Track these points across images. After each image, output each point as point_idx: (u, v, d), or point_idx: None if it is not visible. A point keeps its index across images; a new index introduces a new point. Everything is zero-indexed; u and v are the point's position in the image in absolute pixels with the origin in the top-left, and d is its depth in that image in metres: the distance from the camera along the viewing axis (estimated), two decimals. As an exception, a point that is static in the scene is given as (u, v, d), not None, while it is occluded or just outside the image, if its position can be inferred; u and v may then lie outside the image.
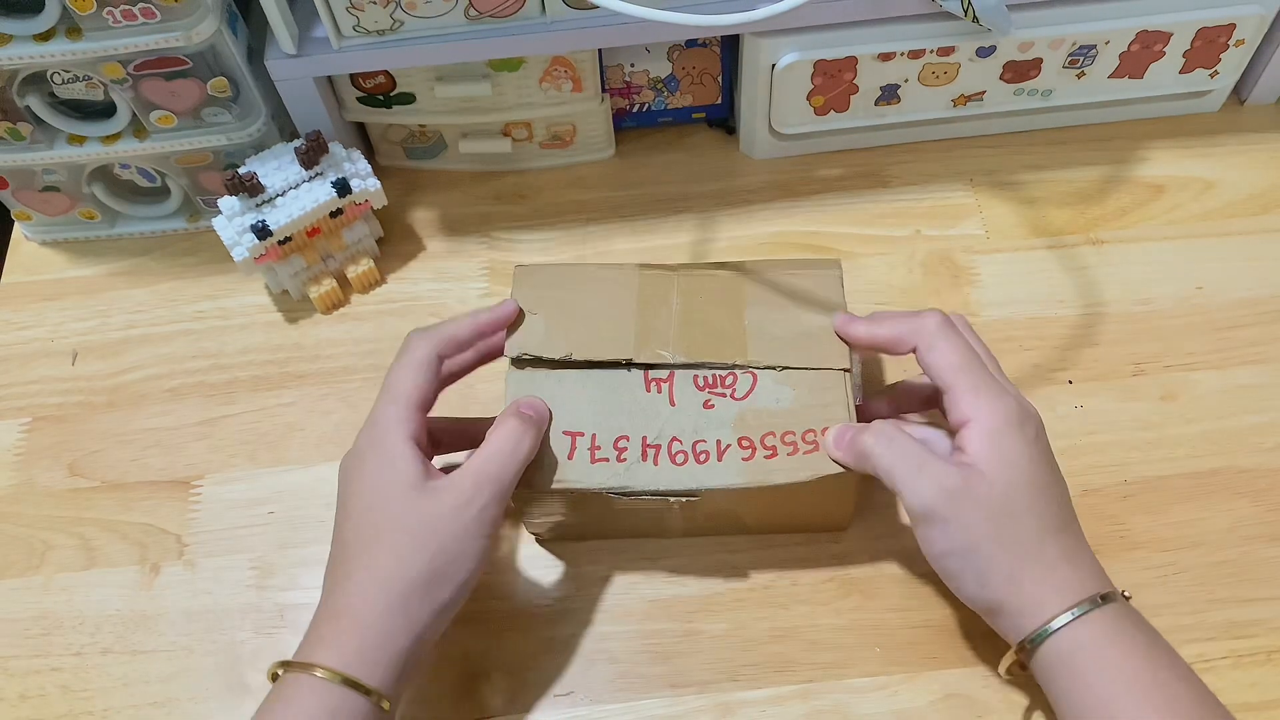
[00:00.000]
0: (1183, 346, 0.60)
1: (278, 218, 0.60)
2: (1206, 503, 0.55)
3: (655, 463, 0.48)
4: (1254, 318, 0.61)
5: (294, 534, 0.57)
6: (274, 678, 0.44)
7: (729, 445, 0.49)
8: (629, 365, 0.51)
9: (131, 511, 0.59)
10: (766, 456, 0.48)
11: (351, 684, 0.42)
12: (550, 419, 0.49)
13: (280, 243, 0.61)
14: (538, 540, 0.56)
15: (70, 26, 0.55)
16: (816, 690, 0.51)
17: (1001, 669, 0.46)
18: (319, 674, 0.43)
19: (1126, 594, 0.45)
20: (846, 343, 0.51)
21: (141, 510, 0.59)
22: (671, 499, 0.49)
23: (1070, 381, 0.59)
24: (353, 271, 0.65)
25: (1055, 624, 0.43)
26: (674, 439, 0.49)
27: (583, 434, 0.49)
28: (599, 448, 0.49)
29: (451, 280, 0.66)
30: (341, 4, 0.57)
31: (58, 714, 0.53)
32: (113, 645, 0.55)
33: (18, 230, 0.70)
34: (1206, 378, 0.59)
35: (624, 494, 0.48)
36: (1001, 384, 0.47)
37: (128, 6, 0.54)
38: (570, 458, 0.49)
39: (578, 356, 0.50)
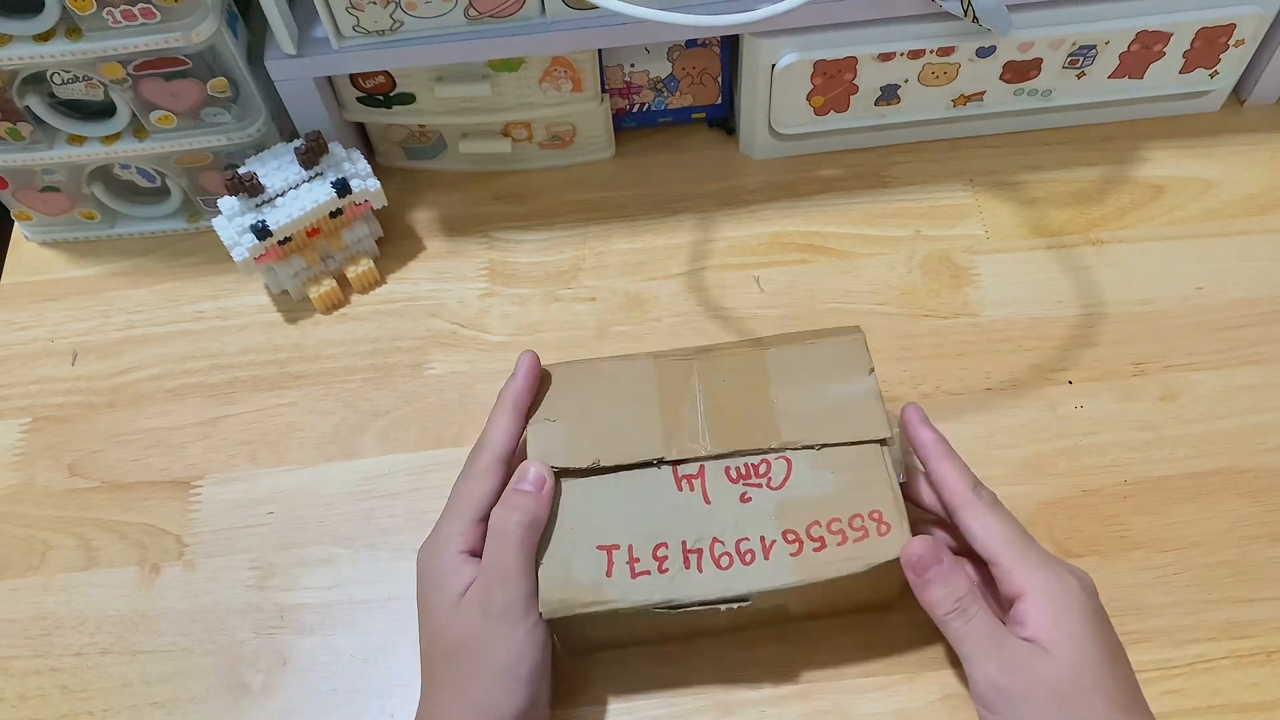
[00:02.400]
0: (1183, 346, 0.60)
1: (277, 218, 0.60)
2: (1206, 503, 0.55)
3: (699, 569, 0.46)
4: (1254, 318, 0.61)
5: (294, 534, 0.57)
6: None
7: (774, 541, 0.46)
8: (658, 463, 0.48)
9: (131, 511, 0.59)
10: (815, 549, 0.46)
11: None
12: (556, 483, 0.48)
13: (280, 243, 0.61)
14: (570, 656, 0.52)
15: (70, 27, 0.55)
16: (816, 690, 0.51)
17: None
18: None
19: None
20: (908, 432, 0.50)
21: (141, 510, 0.59)
22: (722, 607, 0.46)
23: (1070, 381, 0.59)
24: (352, 272, 0.65)
25: None
26: (715, 540, 0.47)
27: (618, 546, 0.47)
28: (638, 560, 0.46)
29: (451, 280, 0.66)
30: (341, 4, 0.57)
31: (58, 714, 0.53)
32: (113, 645, 0.55)
33: (18, 230, 0.70)
34: (1206, 378, 0.59)
35: (671, 608, 0.46)
36: (1049, 555, 0.47)
37: (127, 7, 0.54)
38: (609, 575, 0.46)
39: (605, 463, 0.48)
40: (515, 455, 0.50)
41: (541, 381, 0.52)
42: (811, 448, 0.48)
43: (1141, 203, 0.66)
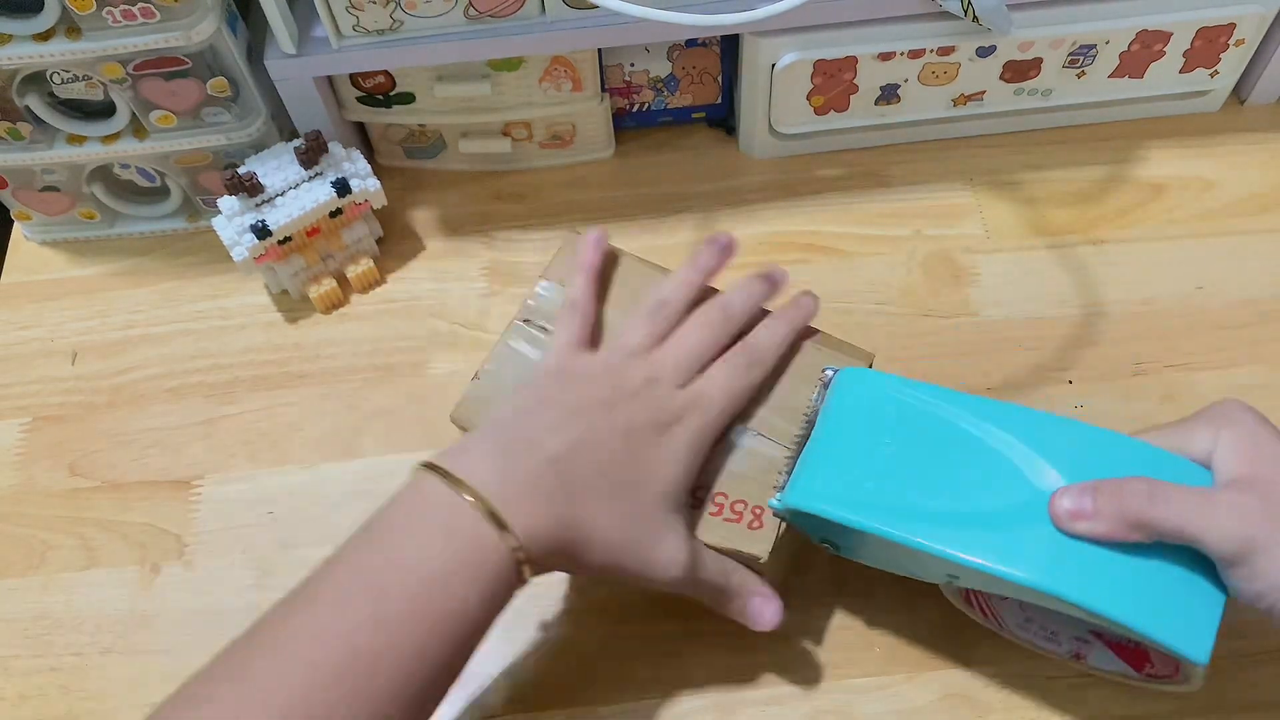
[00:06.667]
0: (1183, 346, 0.60)
1: (277, 217, 0.60)
2: (1207, 503, 0.55)
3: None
4: (1254, 317, 0.61)
5: (294, 534, 0.57)
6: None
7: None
8: None
9: (131, 511, 0.59)
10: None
11: (496, 520, 0.38)
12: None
13: (280, 242, 0.61)
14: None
15: (70, 26, 0.55)
16: (817, 690, 0.51)
17: None
18: (466, 497, 0.38)
19: None
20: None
21: (141, 510, 0.59)
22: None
23: (1070, 381, 0.59)
24: (352, 271, 0.65)
25: None
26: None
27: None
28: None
29: (451, 280, 0.66)
30: (341, 4, 0.57)
31: (57, 714, 0.53)
32: (113, 645, 0.55)
33: (17, 230, 0.70)
34: (1206, 378, 0.59)
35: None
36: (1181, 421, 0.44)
37: (127, 6, 0.54)
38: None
39: None
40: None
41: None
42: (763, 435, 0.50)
43: (1141, 202, 0.66)
